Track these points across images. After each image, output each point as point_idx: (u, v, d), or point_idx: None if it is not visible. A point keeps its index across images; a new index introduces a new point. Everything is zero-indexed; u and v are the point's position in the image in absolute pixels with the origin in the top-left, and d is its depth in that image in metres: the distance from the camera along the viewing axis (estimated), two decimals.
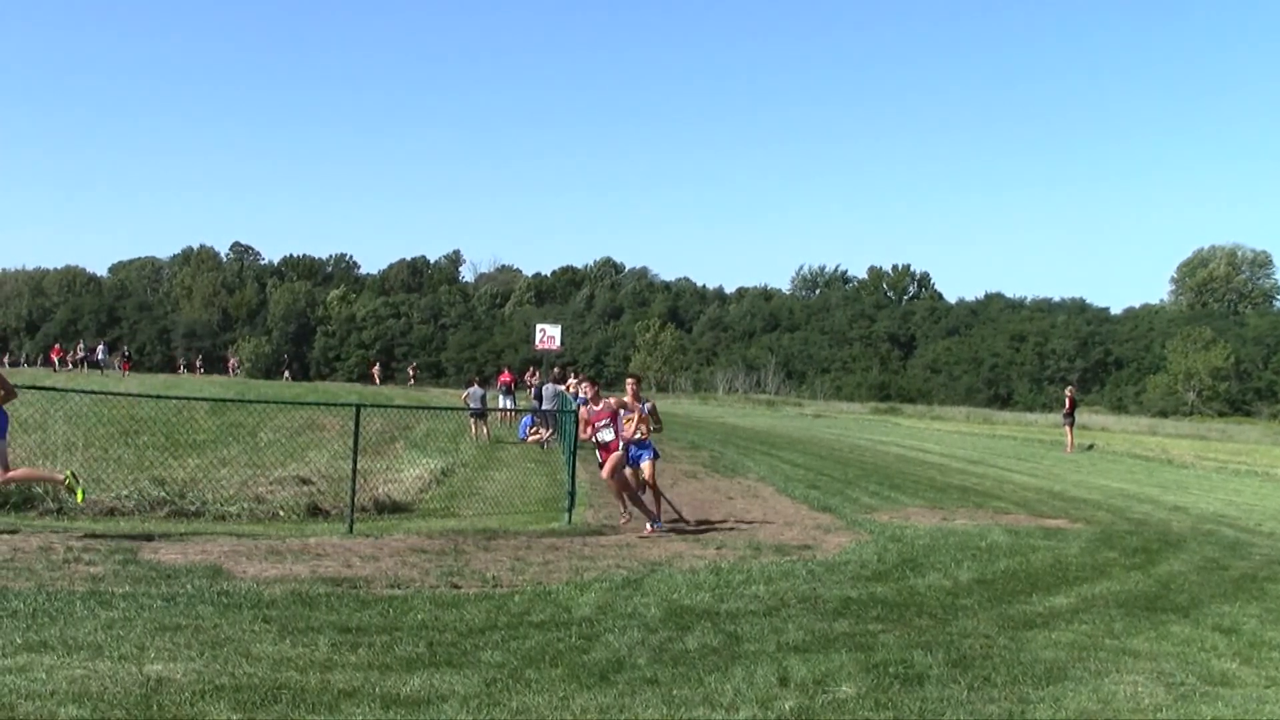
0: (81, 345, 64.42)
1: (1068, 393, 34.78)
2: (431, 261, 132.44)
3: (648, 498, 13.57)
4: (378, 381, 66.45)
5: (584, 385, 15.36)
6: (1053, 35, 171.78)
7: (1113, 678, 6.89)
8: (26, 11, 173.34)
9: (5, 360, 76.37)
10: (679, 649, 7.25)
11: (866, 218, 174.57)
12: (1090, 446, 33.65)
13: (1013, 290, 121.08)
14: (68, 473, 10.89)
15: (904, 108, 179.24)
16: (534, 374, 35.53)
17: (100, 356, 57.68)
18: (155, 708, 5.42)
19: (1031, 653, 7.51)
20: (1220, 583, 10.91)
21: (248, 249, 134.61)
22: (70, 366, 56.65)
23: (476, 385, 26.68)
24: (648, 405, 14.13)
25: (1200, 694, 6.63)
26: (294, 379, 79.71)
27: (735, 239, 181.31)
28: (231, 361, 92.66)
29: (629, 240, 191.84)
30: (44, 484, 11.65)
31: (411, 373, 75.14)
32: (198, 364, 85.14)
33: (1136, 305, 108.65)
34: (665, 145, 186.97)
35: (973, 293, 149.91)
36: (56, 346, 62.52)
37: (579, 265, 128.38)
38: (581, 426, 13.73)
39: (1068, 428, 32.87)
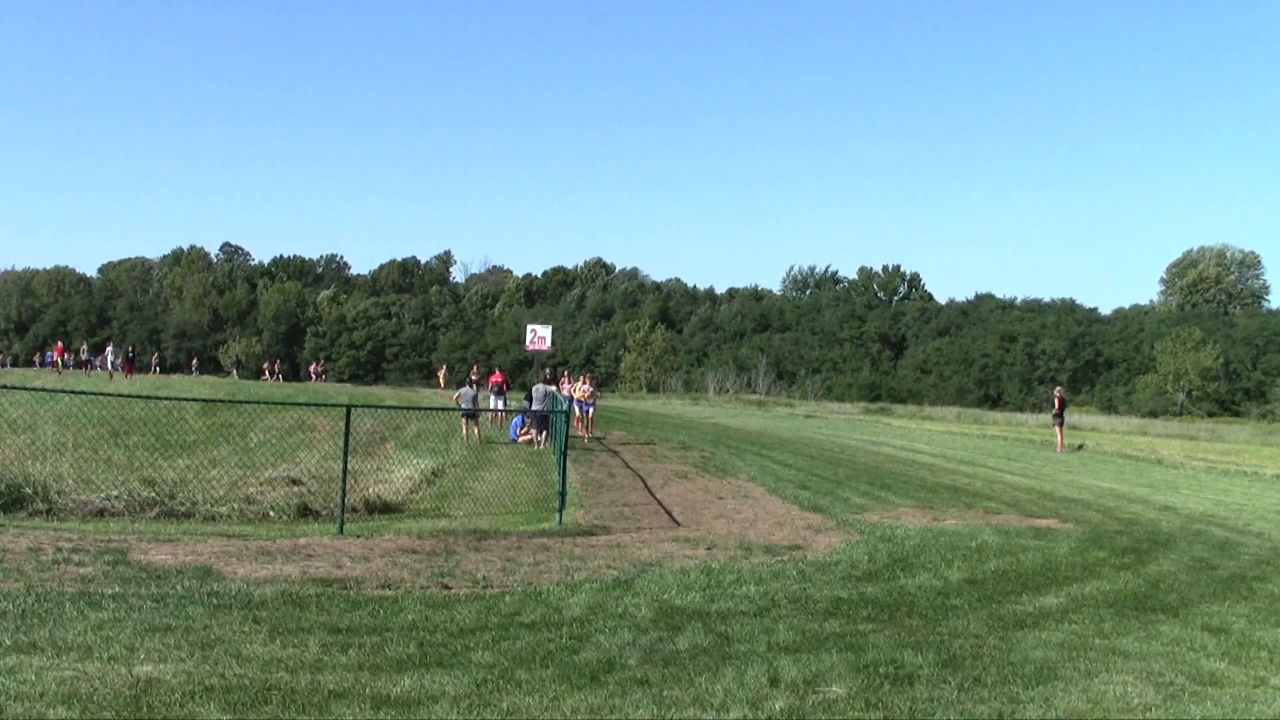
0: (85, 346, 63.15)
1: (1057, 393, 34.84)
2: (422, 262, 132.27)
3: None
4: (443, 385, 64.44)
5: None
6: (1043, 38, 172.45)
7: (1102, 677, 6.91)
8: (16, 12, 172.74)
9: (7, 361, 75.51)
10: (669, 649, 7.25)
11: (857, 218, 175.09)
12: (1080, 447, 33.72)
13: (1003, 291, 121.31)
14: None
15: (895, 109, 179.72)
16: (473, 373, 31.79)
17: (110, 359, 56.64)
18: (145, 709, 5.40)
19: (1021, 653, 7.53)
20: (1209, 582, 10.95)
21: (238, 249, 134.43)
22: (72, 367, 55.91)
23: (468, 386, 26.64)
24: None
25: (1189, 693, 6.65)
26: (283, 378, 76.15)
27: (726, 240, 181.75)
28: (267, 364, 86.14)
29: (620, 241, 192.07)
30: None
31: (473, 376, 68.27)
32: (277, 368, 75.66)
33: (1126, 306, 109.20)
34: (656, 146, 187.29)
35: (963, 293, 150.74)
36: (59, 345, 60.93)
37: (570, 266, 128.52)
38: None
39: (1058, 428, 32.93)
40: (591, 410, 27.53)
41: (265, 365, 79.25)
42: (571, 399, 26.93)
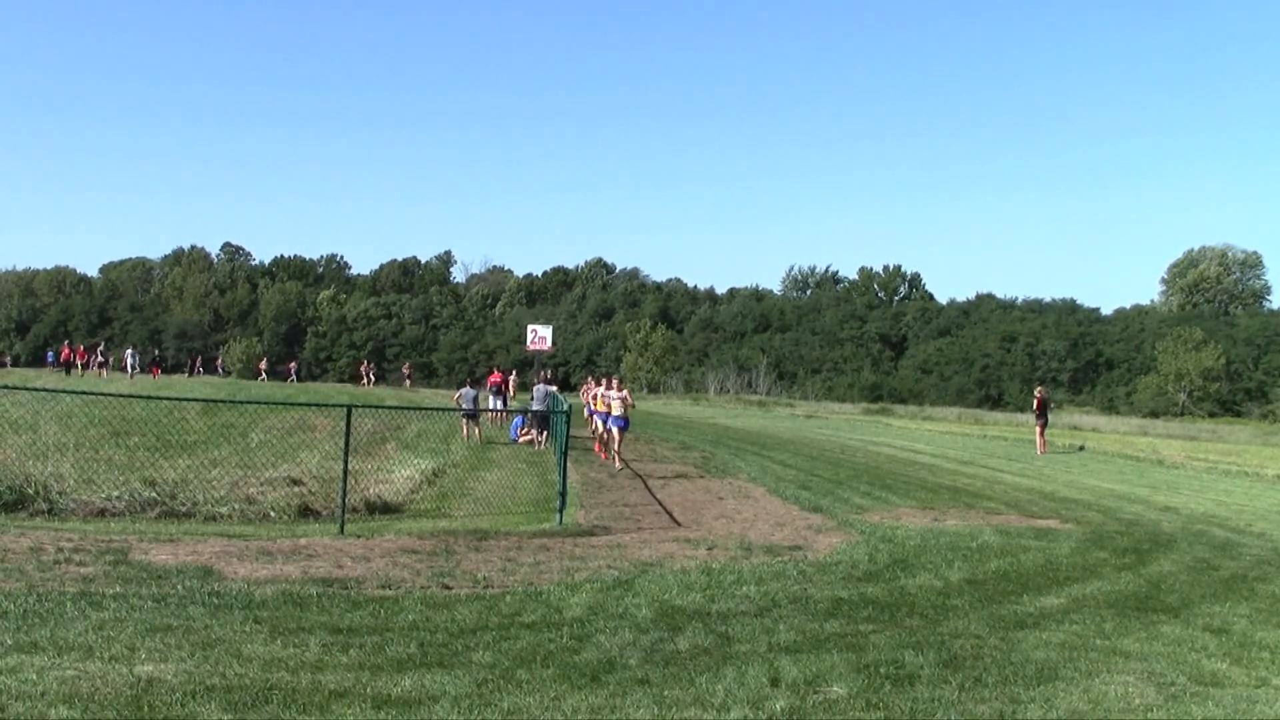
0: (102, 346, 62.55)
1: (1038, 393, 33.41)
2: (423, 262, 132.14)
3: None
4: (513, 393, 61.98)
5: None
6: (1044, 37, 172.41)
7: (1103, 678, 6.91)
8: (17, 12, 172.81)
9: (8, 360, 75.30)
10: (670, 649, 7.25)
11: (858, 218, 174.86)
12: (1081, 448, 33.69)
13: (1004, 291, 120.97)
14: None
15: (895, 109, 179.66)
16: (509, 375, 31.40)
17: (129, 362, 56.06)
18: (146, 709, 5.40)
19: (1022, 653, 7.52)
20: (1211, 583, 10.95)
21: (239, 249, 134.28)
22: (90, 368, 55.43)
23: (469, 386, 26.66)
24: None
25: (1191, 694, 6.65)
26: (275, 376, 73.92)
27: (726, 240, 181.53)
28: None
29: (620, 241, 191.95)
30: None
31: (515, 382, 61.27)
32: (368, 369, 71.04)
33: (1127, 306, 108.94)
34: (657, 146, 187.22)
35: (964, 293, 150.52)
36: (80, 348, 59.94)
37: (570, 266, 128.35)
38: None
39: (1039, 428, 31.70)
40: (622, 428, 20.64)
41: (364, 368, 75.79)
42: (592, 410, 22.82)
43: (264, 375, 68.58)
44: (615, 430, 20.41)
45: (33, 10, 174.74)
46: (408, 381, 66.77)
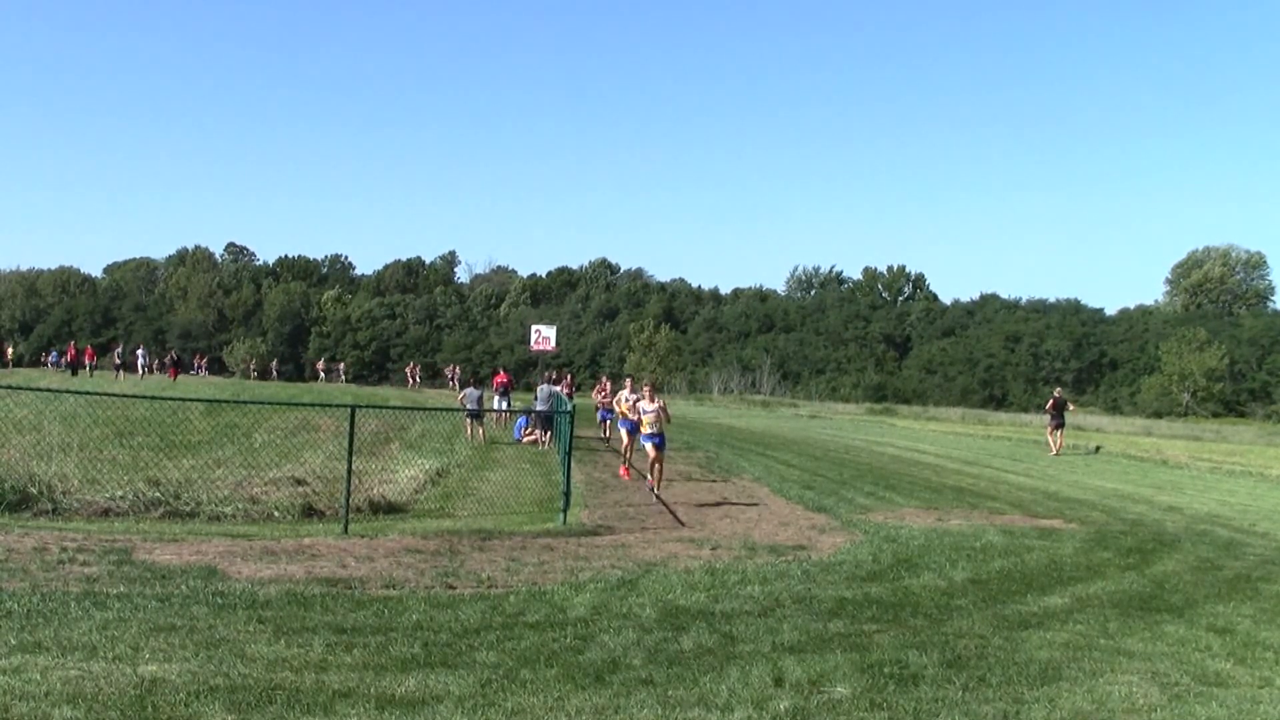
0: (120, 349, 62.36)
1: (1055, 393, 33.21)
2: (427, 262, 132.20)
3: None
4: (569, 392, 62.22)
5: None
6: (1048, 37, 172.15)
7: (1107, 678, 6.91)
8: (21, 11, 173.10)
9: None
10: (674, 649, 7.26)
11: (861, 219, 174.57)
12: (1098, 448, 33.61)
13: (1008, 291, 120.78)
14: None
15: (899, 109, 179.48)
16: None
17: (140, 360, 55.66)
18: (150, 709, 5.41)
19: (1026, 653, 7.52)
20: (1214, 583, 10.94)
21: (243, 249, 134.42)
22: (139, 370, 55.23)
23: (472, 386, 26.67)
24: None
25: (1194, 694, 6.65)
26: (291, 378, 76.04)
27: (730, 240, 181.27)
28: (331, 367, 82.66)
29: (624, 241, 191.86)
30: None
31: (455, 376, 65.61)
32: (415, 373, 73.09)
33: (1131, 306, 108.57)
34: (661, 146, 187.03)
35: (968, 294, 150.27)
36: (88, 348, 59.63)
37: (574, 266, 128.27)
38: None
39: (1053, 429, 31.50)
40: (659, 445, 16.68)
41: (411, 370, 75.87)
42: (607, 414, 19.57)
43: (322, 376, 74.72)
44: (650, 448, 16.70)
45: (34, 10, 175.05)
46: (453, 383, 66.68)
